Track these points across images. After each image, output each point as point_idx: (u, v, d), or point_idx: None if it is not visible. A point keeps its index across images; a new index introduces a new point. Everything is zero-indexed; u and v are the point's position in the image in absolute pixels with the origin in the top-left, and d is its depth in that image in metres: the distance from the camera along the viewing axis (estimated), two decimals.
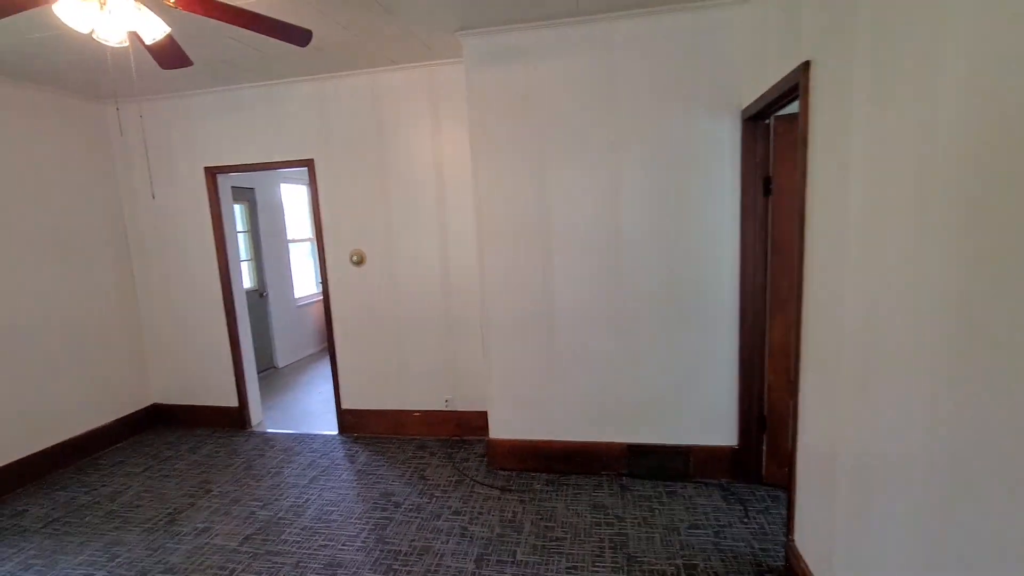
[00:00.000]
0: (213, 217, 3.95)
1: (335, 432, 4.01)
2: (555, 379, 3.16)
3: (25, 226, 3.40)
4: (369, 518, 2.83)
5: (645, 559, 2.38)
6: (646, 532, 2.57)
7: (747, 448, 2.95)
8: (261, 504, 3.03)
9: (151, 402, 4.29)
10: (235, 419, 4.17)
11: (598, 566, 2.35)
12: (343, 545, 2.60)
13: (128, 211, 4.11)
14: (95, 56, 2.94)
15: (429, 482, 3.18)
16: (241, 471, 3.45)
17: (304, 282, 6.84)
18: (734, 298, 2.88)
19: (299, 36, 2.05)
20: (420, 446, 3.70)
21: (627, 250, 2.96)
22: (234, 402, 4.15)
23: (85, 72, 3.27)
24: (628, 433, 3.11)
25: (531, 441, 3.24)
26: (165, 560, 2.55)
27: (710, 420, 3.00)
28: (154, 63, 2.71)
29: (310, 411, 4.54)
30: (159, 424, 4.31)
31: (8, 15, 1.73)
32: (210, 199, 3.93)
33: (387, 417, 3.89)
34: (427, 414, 3.83)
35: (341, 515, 2.88)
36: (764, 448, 2.91)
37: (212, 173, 3.91)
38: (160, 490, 3.24)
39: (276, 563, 2.48)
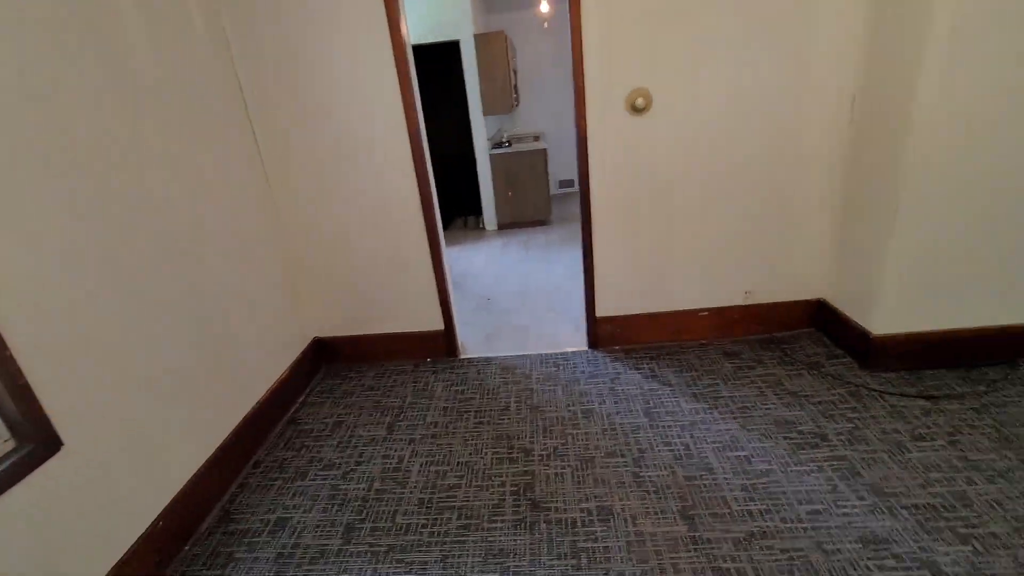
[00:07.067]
0: None
1: (583, 348, 3.07)
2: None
3: None
4: (815, 465, 2.04)
5: None
6: None
7: None
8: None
9: None
10: (438, 345, 3.10)
11: None
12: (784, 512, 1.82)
13: None
14: None
15: (807, 397, 2.41)
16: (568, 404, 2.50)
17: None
18: None
19: None
20: (726, 352, 2.86)
21: None
22: (438, 324, 3.05)
23: None
24: None
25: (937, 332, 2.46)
26: None
27: None
28: None
29: (509, 327, 3.50)
30: None
31: None
32: None
33: (659, 322, 2.97)
34: (718, 312, 2.95)
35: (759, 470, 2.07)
36: None
37: None
38: None
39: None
